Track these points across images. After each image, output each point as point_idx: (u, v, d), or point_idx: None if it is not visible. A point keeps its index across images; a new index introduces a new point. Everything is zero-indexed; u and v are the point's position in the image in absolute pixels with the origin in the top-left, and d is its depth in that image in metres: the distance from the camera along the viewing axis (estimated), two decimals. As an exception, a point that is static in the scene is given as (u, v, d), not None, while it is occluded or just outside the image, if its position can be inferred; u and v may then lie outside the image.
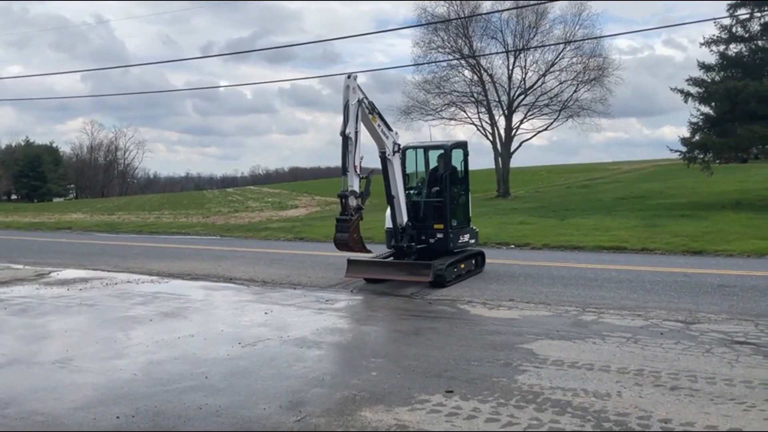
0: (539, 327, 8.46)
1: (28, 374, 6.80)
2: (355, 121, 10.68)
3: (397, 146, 11.93)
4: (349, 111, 10.68)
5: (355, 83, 10.82)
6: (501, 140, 41.57)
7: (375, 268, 12.13)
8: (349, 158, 10.52)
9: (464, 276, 12.36)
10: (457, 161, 12.82)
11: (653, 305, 9.73)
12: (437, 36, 41.02)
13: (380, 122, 11.58)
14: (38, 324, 9.26)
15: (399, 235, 11.99)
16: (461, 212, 12.82)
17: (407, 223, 11.98)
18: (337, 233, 10.79)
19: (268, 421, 5.27)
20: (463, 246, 12.69)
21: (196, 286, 12.75)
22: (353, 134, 10.58)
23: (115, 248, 20.94)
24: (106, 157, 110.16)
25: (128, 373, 6.71)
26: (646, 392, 5.82)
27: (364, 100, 11.01)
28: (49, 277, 14.03)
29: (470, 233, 13.00)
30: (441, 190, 12.29)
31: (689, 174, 33.45)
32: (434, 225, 12.20)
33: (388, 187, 11.87)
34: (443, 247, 12.15)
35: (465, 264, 12.56)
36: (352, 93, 10.75)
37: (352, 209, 10.66)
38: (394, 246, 12.20)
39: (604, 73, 39.36)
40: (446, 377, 6.37)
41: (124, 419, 5.34)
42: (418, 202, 12.49)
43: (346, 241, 10.70)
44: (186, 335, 8.36)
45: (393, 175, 11.83)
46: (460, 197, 12.84)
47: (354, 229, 10.69)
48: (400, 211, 11.91)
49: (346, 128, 10.60)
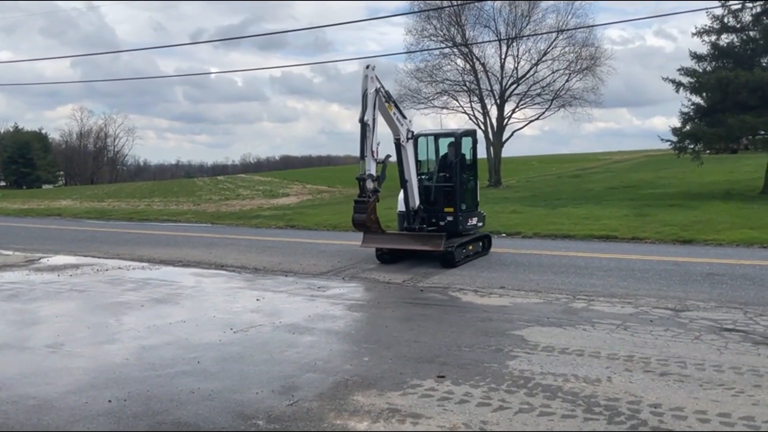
0: (530, 314, 8.50)
1: (19, 359, 6.78)
2: (373, 109, 11.28)
3: (410, 133, 12.53)
4: (367, 99, 11.28)
5: (373, 73, 11.36)
6: (493, 129, 41.55)
7: (389, 238, 12.66)
8: (367, 144, 11.17)
9: (472, 257, 12.99)
10: (466, 148, 13.34)
11: (643, 293, 9.80)
12: (430, 24, 40.87)
13: (395, 110, 12.13)
14: (29, 309, 9.23)
15: (411, 218, 12.59)
16: (470, 197, 13.38)
17: (419, 206, 12.62)
18: (355, 214, 11.58)
19: (261, 405, 5.28)
20: (471, 229, 13.33)
21: (188, 272, 12.73)
22: (371, 121, 11.21)
23: (105, 235, 20.84)
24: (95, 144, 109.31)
25: (120, 357, 6.71)
26: (636, 378, 5.87)
27: (381, 89, 11.58)
28: (39, 263, 13.96)
29: (478, 217, 13.65)
30: (451, 175, 12.89)
31: (680, 164, 33.60)
32: (445, 208, 12.80)
33: (402, 172, 12.46)
34: (453, 229, 12.68)
35: (473, 246, 13.15)
36: (371, 82, 11.30)
37: (369, 191, 11.38)
38: (406, 228, 12.78)
39: (597, 62, 39.35)
40: (438, 363, 6.40)
41: (116, 403, 5.34)
42: (430, 186, 13.07)
43: (364, 221, 11.49)
44: (178, 321, 8.35)
45: (407, 160, 12.40)
46: (469, 182, 13.39)
47: (371, 210, 11.46)
48: (412, 195, 12.52)
49: (364, 115, 11.21)
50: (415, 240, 12.43)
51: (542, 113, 42.13)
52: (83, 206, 36.82)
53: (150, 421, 4.96)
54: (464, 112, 42.53)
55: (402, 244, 12.60)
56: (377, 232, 12.00)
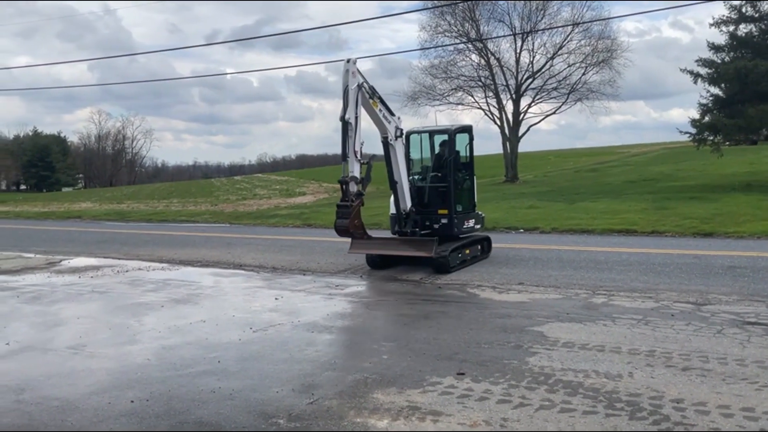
0: (549, 310, 8.46)
1: (42, 360, 6.85)
2: (355, 106, 10.54)
3: (399, 131, 11.75)
4: (348, 96, 10.52)
5: (354, 67, 10.63)
6: (509, 125, 41.39)
7: (378, 243, 12.04)
8: (349, 144, 10.39)
9: (469, 261, 12.20)
10: (461, 146, 12.62)
11: (664, 287, 9.71)
12: (444, 20, 40.78)
13: (381, 107, 11.40)
14: (51, 311, 9.33)
15: (403, 221, 11.90)
16: (466, 197, 12.64)
17: (411, 209, 11.89)
18: (337, 219, 10.74)
19: (281, 403, 5.30)
20: (468, 231, 12.53)
21: (207, 272, 12.81)
22: (353, 119, 10.44)
23: (124, 236, 21.03)
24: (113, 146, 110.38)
25: (141, 358, 6.76)
26: (657, 373, 5.82)
27: (364, 84, 10.83)
28: (60, 266, 14.11)
29: (476, 218, 12.81)
30: (445, 175, 12.11)
31: (699, 156, 33.26)
32: (438, 210, 12.03)
33: (391, 173, 11.75)
34: (448, 233, 11.95)
35: (470, 249, 12.39)
36: (352, 77, 10.57)
37: (353, 195, 10.56)
38: (397, 232, 12.12)
39: (613, 55, 39.07)
40: (457, 360, 6.38)
41: (138, 403, 5.38)
42: (423, 187, 12.32)
43: (347, 227, 10.65)
44: (198, 321, 8.41)
45: (395, 160, 11.69)
46: (465, 182, 12.62)
47: (355, 215, 10.62)
48: (403, 197, 11.81)
49: (345, 113, 10.46)
50: (405, 245, 11.75)
51: (558, 107, 41.98)
52: (103, 208, 37.19)
53: (172, 421, 5.00)
54: (480, 108, 42.45)
55: (391, 250, 11.94)
56: (362, 238, 11.30)
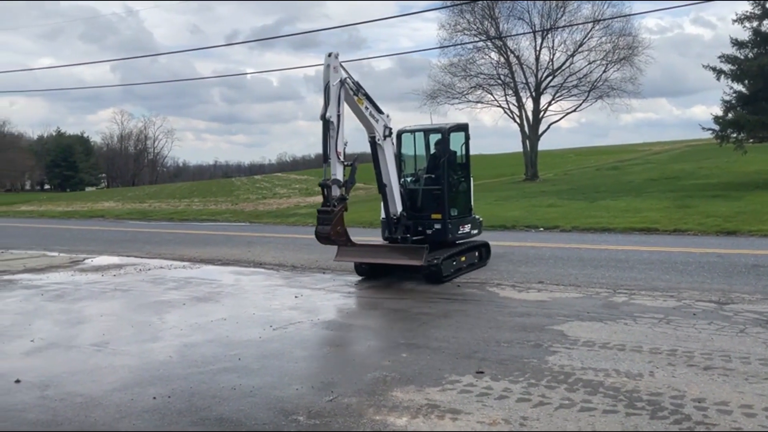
0: (569, 309, 8.42)
1: (66, 357, 6.95)
2: (338, 104, 9.82)
3: (388, 130, 10.91)
4: (330, 93, 9.79)
5: (336, 62, 9.93)
6: (528, 123, 41.22)
7: (366, 250, 11.20)
8: (331, 144, 9.71)
9: (465, 269, 11.41)
10: (457, 145, 11.74)
11: (686, 286, 9.62)
12: (463, 18, 40.70)
13: (367, 104, 10.57)
14: (74, 309, 9.46)
15: (393, 226, 11.12)
16: (462, 201, 11.77)
17: (401, 213, 11.08)
18: (318, 225, 9.98)
19: (301, 401, 5.33)
20: (463, 237, 11.71)
21: (227, 271, 12.91)
22: (335, 118, 9.73)
23: (146, 235, 21.24)
24: (136, 146, 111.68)
25: (163, 355, 6.84)
26: (679, 372, 5.77)
27: (347, 80, 10.11)
28: (83, 264, 14.29)
29: (472, 223, 11.94)
30: (438, 176, 11.25)
31: (722, 153, 32.87)
32: (432, 215, 11.20)
33: (380, 175, 10.98)
34: (441, 239, 11.16)
35: (467, 256, 11.58)
36: (333, 72, 9.85)
37: (335, 199, 9.79)
38: (387, 238, 11.37)
39: (634, 52, 38.75)
40: (476, 358, 6.38)
41: (160, 400, 5.45)
42: (416, 190, 11.50)
43: (328, 234, 9.83)
44: (218, 319, 8.49)
45: (384, 161, 10.91)
46: (461, 184, 11.77)
47: (337, 221, 9.78)
48: (393, 200, 11.02)
49: (326, 111, 9.74)
50: (394, 252, 10.94)
51: (579, 105, 41.73)
52: (125, 207, 37.60)
53: (193, 418, 5.06)
54: (499, 106, 42.32)
55: (379, 258, 11.06)
56: (346, 245, 10.47)
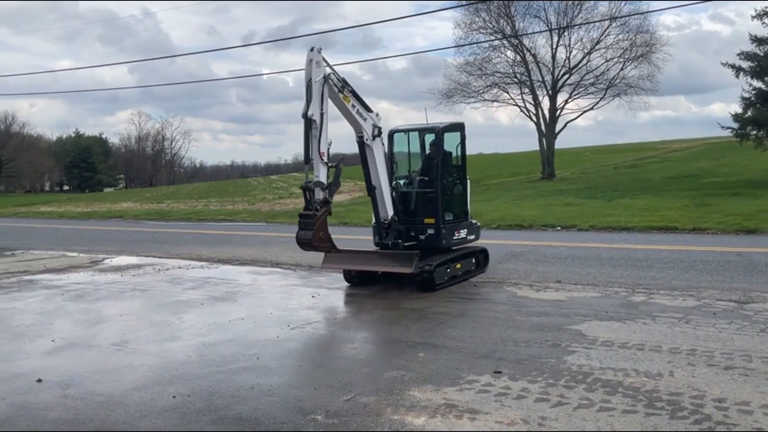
0: (587, 308, 8.38)
1: (86, 357, 7.03)
2: (320, 101, 9.25)
3: (377, 129, 10.31)
4: (312, 89, 9.22)
5: (319, 56, 9.35)
6: (545, 121, 41.04)
7: (354, 257, 10.62)
8: (313, 144, 9.14)
9: (461, 277, 10.72)
10: (452, 145, 11.07)
11: (705, 285, 9.54)
12: (478, 17, 40.60)
13: (355, 102, 9.99)
14: (94, 309, 9.55)
15: (383, 232, 10.47)
16: (457, 204, 11.07)
17: (392, 218, 10.42)
18: (300, 231, 9.37)
19: (319, 400, 5.35)
20: (459, 243, 10.99)
21: (245, 270, 12.98)
22: (318, 116, 9.17)
23: (165, 235, 21.39)
24: (153, 147, 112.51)
25: (182, 354, 6.89)
26: (699, 372, 5.73)
27: (331, 75, 9.54)
28: (102, 264, 14.43)
29: (468, 228, 11.20)
30: (432, 179, 10.62)
31: (741, 151, 32.52)
32: (425, 219, 10.58)
33: (368, 177, 10.38)
34: (435, 245, 10.51)
35: (462, 263, 10.85)
36: (316, 68, 9.28)
37: (318, 203, 9.20)
38: (378, 244, 10.71)
39: (652, 49, 38.44)
40: (494, 358, 6.36)
41: (180, 399, 5.49)
42: (409, 193, 10.91)
43: (310, 240, 9.18)
44: (236, 318, 8.54)
45: (374, 162, 10.30)
46: (455, 187, 11.10)
47: (320, 226, 9.18)
48: (383, 204, 10.40)
49: (308, 109, 9.16)
50: (384, 259, 10.32)
51: (596, 103, 41.47)
52: (143, 208, 37.89)
53: (213, 416, 5.09)
54: (515, 105, 42.18)
55: (368, 265, 10.50)
56: (330, 251, 9.89)
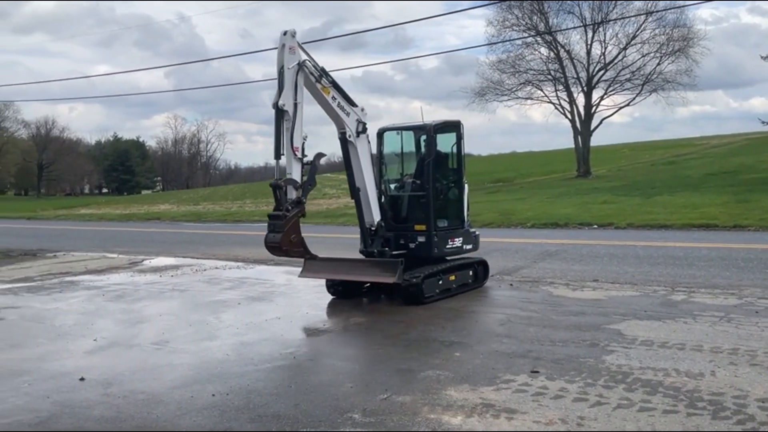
0: (626, 307, 8.27)
1: (127, 356, 7.16)
2: (294, 90, 8.36)
3: (362, 125, 9.41)
4: (284, 77, 8.33)
5: (293, 41, 8.48)
6: (580, 118, 40.57)
7: (335, 266, 9.73)
8: (285, 137, 8.26)
9: (456, 290, 9.73)
10: (446, 146, 10.22)
11: (747, 283, 9.35)
12: (511, 14, 40.33)
13: (335, 94, 9.08)
14: (134, 309, 9.73)
15: (368, 239, 9.53)
16: (452, 210, 10.13)
17: (379, 223, 9.52)
18: (269, 233, 8.37)
19: (355, 398, 5.38)
20: (453, 253, 9.96)
21: (280, 271, 13.09)
22: (290, 106, 8.27)
23: (201, 236, 21.70)
24: (189, 149, 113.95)
25: (221, 353, 6.98)
26: (741, 371, 5.61)
27: (307, 62, 8.60)
28: (142, 265, 14.68)
29: (464, 237, 10.12)
30: (423, 182, 9.76)
31: (784, 146, 31.72)
32: (415, 226, 9.69)
33: (352, 177, 9.53)
34: (426, 254, 9.56)
35: (457, 275, 9.84)
36: (289, 54, 8.41)
37: (290, 203, 8.26)
38: (362, 252, 9.70)
39: (689, 43, 37.75)
40: (531, 358, 6.32)
41: (219, 397, 5.57)
42: (400, 197, 10.06)
43: (279, 243, 8.21)
44: (273, 317, 8.62)
45: (358, 161, 9.44)
46: (450, 191, 10.18)
47: (291, 228, 8.20)
48: (368, 208, 9.53)
49: (279, 98, 8.27)
50: (367, 268, 9.36)
51: (632, 99, 40.90)
52: (180, 210, 38.49)
53: (251, 414, 5.15)
54: (549, 102, 41.80)
55: (349, 275, 9.47)
56: (303, 257, 8.92)
